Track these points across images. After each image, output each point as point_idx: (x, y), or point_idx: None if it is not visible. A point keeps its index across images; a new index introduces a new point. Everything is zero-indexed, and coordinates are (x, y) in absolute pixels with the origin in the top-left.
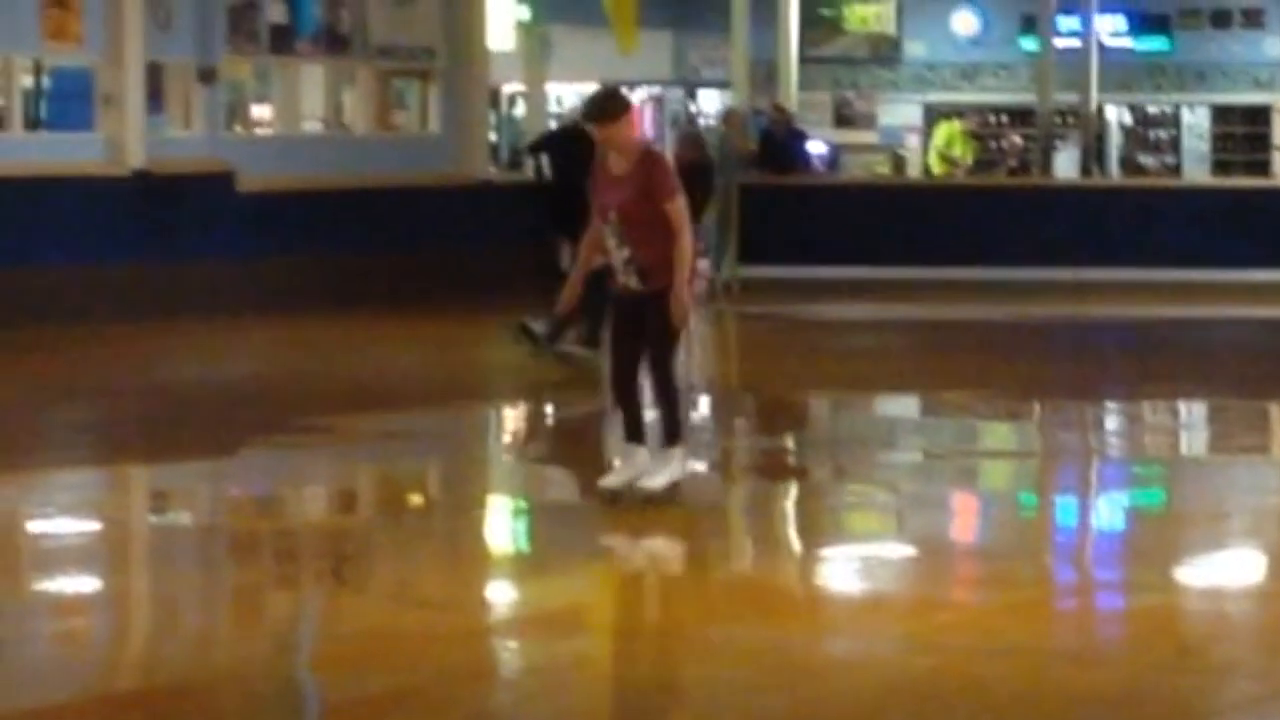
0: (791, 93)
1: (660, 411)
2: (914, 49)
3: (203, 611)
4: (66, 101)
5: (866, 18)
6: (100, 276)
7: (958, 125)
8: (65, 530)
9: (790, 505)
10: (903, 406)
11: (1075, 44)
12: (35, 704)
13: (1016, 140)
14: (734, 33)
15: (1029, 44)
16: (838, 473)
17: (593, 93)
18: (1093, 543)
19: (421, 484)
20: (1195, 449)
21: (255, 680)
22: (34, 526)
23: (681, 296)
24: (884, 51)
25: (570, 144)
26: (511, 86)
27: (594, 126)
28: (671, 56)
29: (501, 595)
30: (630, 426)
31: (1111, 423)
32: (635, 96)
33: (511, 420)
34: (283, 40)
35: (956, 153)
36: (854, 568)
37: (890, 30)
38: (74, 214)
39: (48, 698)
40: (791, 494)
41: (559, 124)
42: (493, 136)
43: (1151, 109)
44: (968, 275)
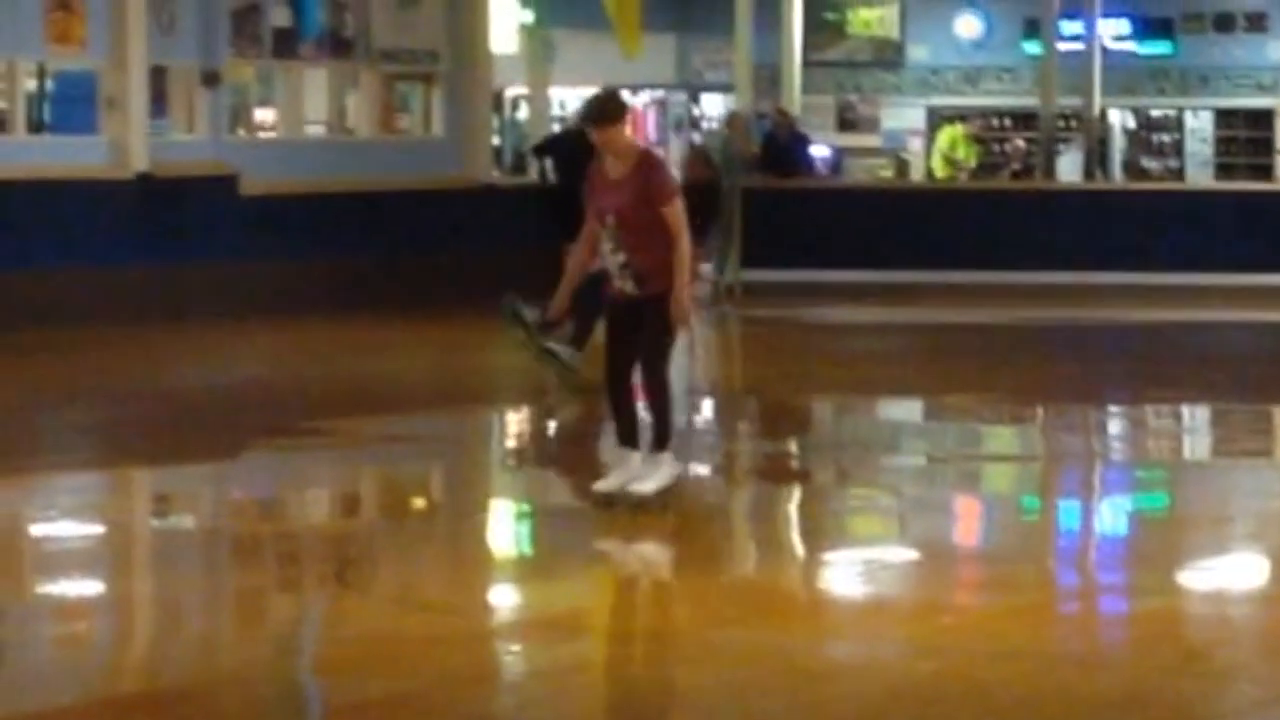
0: (795, 96)
1: (651, 416)
2: (917, 53)
3: (205, 615)
4: (70, 105)
5: (870, 21)
6: (103, 279)
7: (961, 129)
8: (68, 533)
9: (793, 509)
10: (906, 410)
11: (1078, 47)
12: (38, 707)
13: (1019, 144)
14: (737, 36)
15: (1032, 47)
16: (840, 476)
17: (591, 96)
18: (1096, 547)
19: (424, 487)
20: (1199, 453)
21: (258, 683)
22: (37, 529)
23: (682, 300)
24: (887, 55)
25: (574, 147)
26: (515, 90)
27: (592, 129)
28: (675, 60)
29: (504, 599)
30: (623, 431)
31: (1115, 426)
32: (638, 100)
33: (514, 424)
34: (286, 43)
35: (960, 156)
36: (856, 571)
37: (893, 34)
38: (77, 217)
39: (51, 701)
40: (794, 497)
41: (563, 127)
42: (496, 140)
43: (1154, 113)
44: (970, 279)
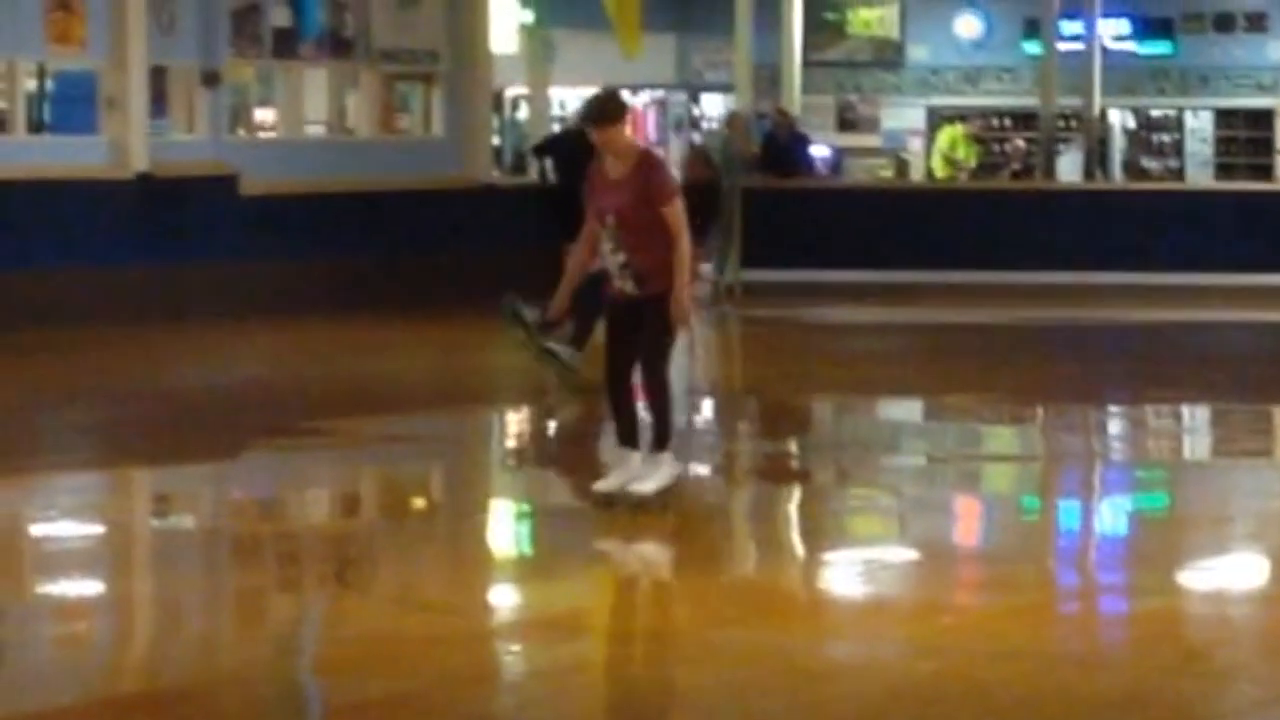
0: (794, 96)
1: (651, 416)
2: (917, 53)
3: (205, 615)
4: (70, 105)
5: (870, 21)
6: (103, 279)
7: (961, 129)
8: (68, 533)
9: (793, 509)
10: (906, 410)
11: (1078, 47)
12: (38, 707)
13: (1019, 144)
14: (737, 36)
15: (1032, 47)
16: (840, 476)
17: (591, 96)
18: (1096, 547)
19: (424, 487)
20: (1199, 453)
21: (258, 683)
22: (37, 529)
23: (682, 300)
24: (887, 55)
25: (574, 147)
26: (515, 90)
27: (592, 129)
28: (675, 60)
29: (504, 599)
30: (623, 431)
31: (1115, 426)
32: (638, 100)
33: (514, 424)
34: (286, 43)
35: (960, 156)
36: (856, 571)
37: (893, 34)
38: (77, 217)
39: (51, 701)
40: (794, 497)
41: (563, 127)
42: (496, 140)
43: (1154, 113)
44: (970, 279)
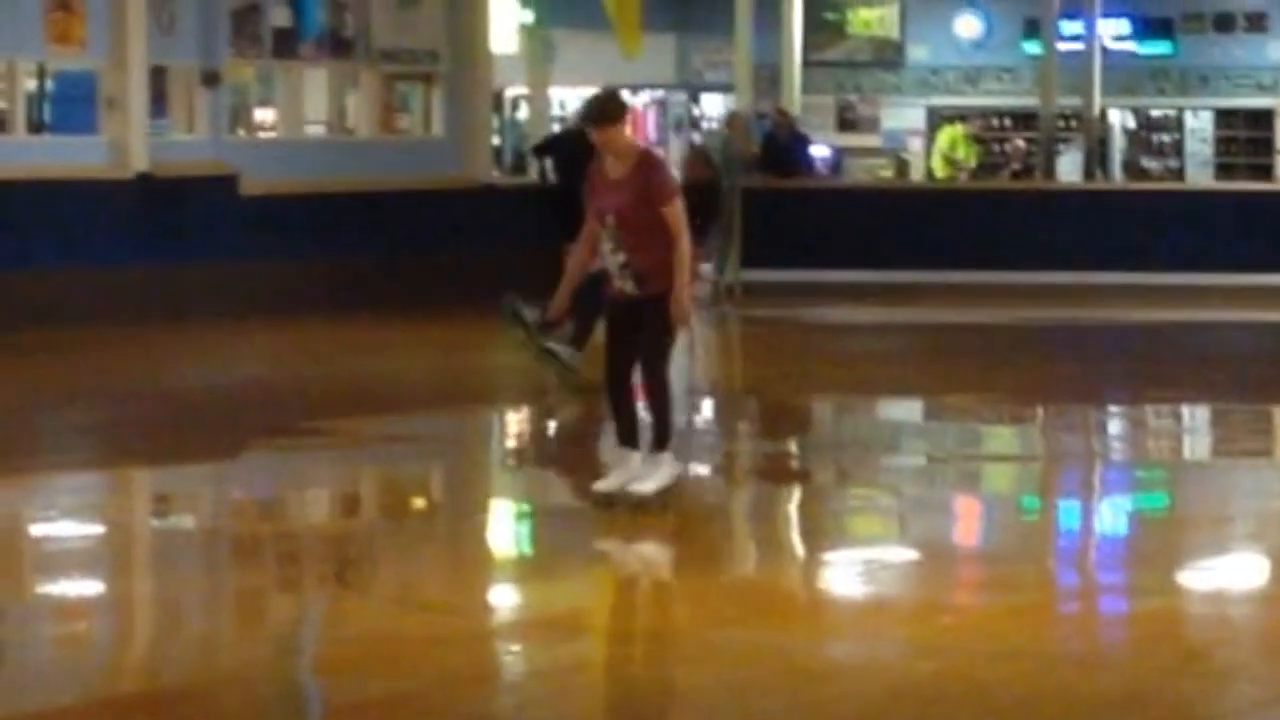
0: (794, 96)
1: (651, 416)
2: (917, 53)
3: (205, 615)
4: (70, 105)
5: (870, 21)
6: (103, 279)
7: (961, 129)
8: (68, 533)
9: (793, 509)
10: (906, 410)
11: (1078, 48)
12: (38, 707)
13: (1019, 144)
14: (737, 36)
15: (1032, 47)
16: (840, 476)
17: (591, 95)
18: (1096, 547)
19: (424, 487)
20: (1199, 453)
21: (258, 683)
22: (37, 529)
23: (682, 300)
24: (887, 55)
25: (574, 147)
26: (515, 90)
27: (592, 129)
28: (675, 60)
29: (504, 599)
30: (623, 431)
31: (1115, 426)
32: (638, 100)
33: (514, 424)
34: (286, 43)
35: (960, 156)
36: (856, 571)
37: (893, 34)
38: (77, 217)
39: (51, 701)
40: (794, 497)
41: (563, 127)
42: (496, 140)
43: (1154, 113)
44: (970, 279)
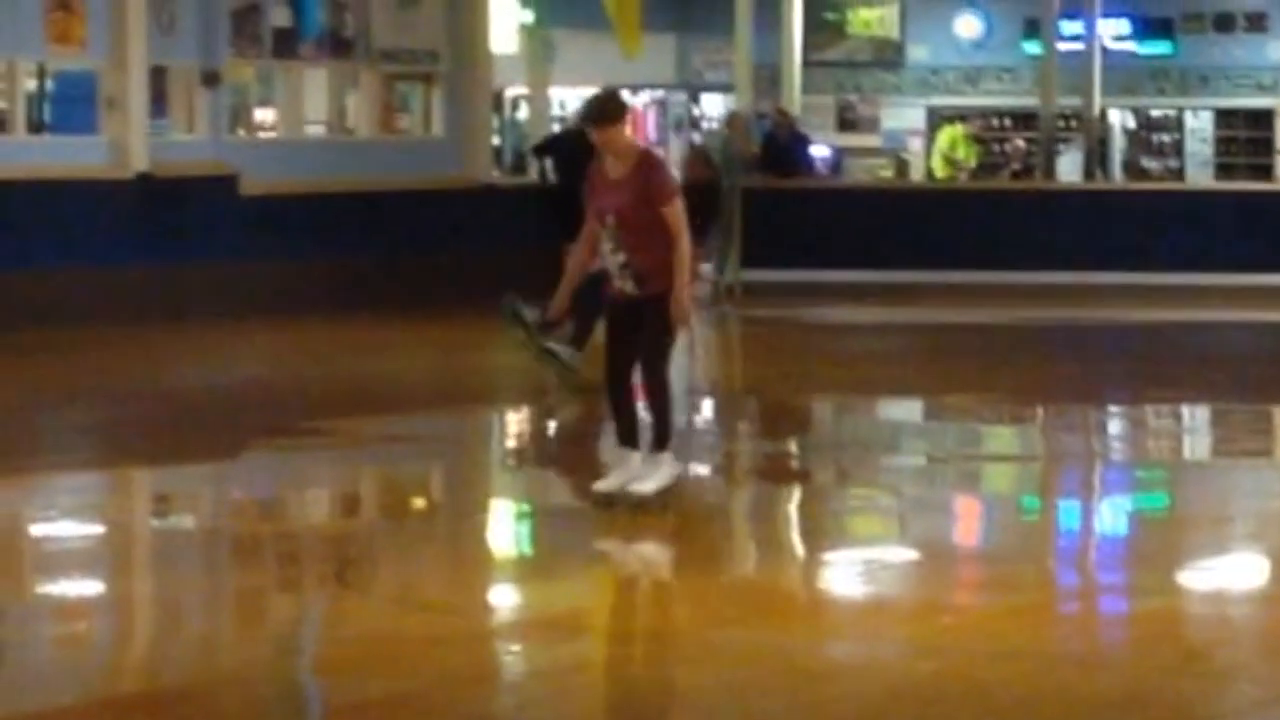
0: (795, 96)
1: (651, 416)
2: (917, 53)
3: (205, 615)
4: (70, 105)
5: (870, 21)
6: (103, 279)
7: (961, 129)
8: (68, 533)
9: (793, 509)
10: (906, 410)
11: (1078, 47)
12: (38, 707)
13: (1019, 144)
14: (737, 36)
15: (1032, 47)
16: (840, 476)
17: (591, 96)
18: (1096, 547)
19: (424, 487)
20: (1199, 453)
21: (258, 683)
22: (37, 529)
23: (682, 300)
24: (887, 55)
25: (574, 147)
26: (515, 90)
27: (592, 129)
28: (675, 60)
29: (504, 599)
30: (623, 431)
31: (1115, 426)
32: (639, 100)
33: (514, 424)
34: (286, 43)
35: (960, 156)
36: (856, 571)
37: (893, 34)
38: (77, 217)
39: (51, 701)
40: (794, 497)
41: (563, 127)
42: (496, 140)
43: (1154, 113)
44: (970, 279)
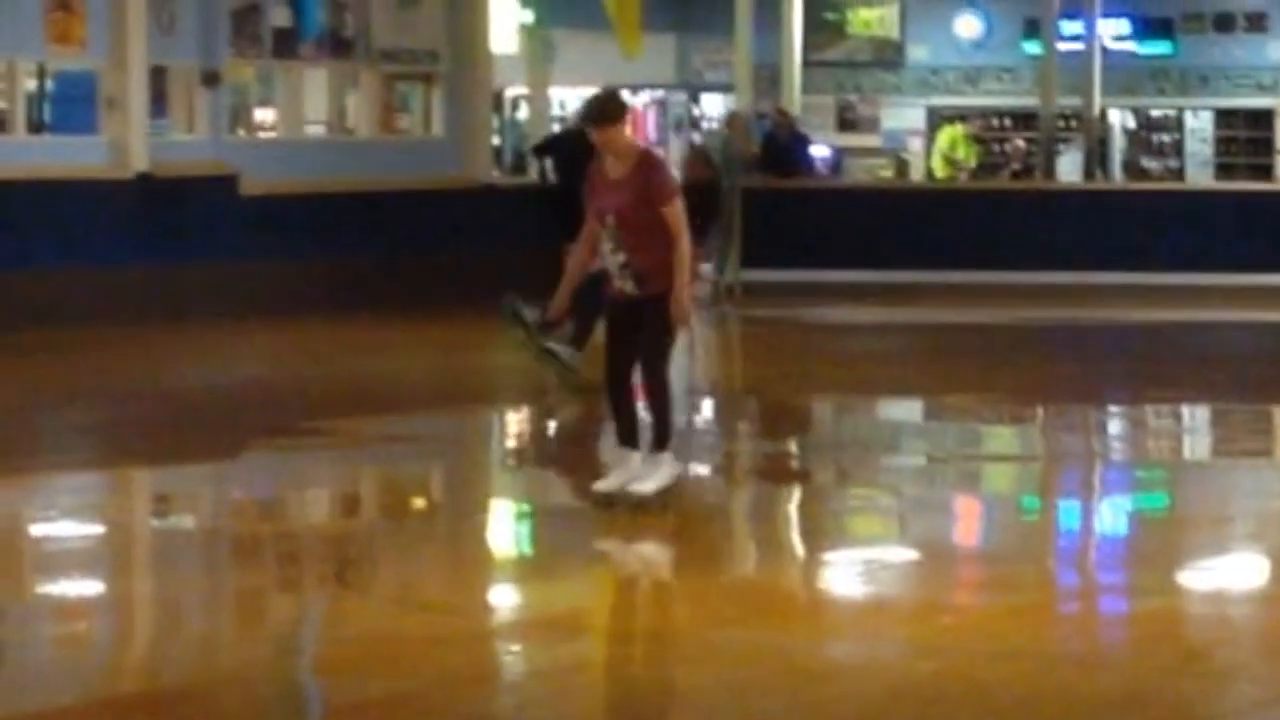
0: (794, 96)
1: (651, 416)
2: (917, 53)
3: (206, 615)
4: (70, 105)
5: (870, 21)
6: (103, 279)
7: (961, 129)
8: (68, 533)
9: (793, 509)
10: (906, 410)
11: (1078, 47)
12: (38, 707)
13: (1019, 144)
14: (737, 36)
15: (1032, 47)
16: (840, 476)
17: (591, 95)
18: (1096, 547)
19: (424, 487)
20: (1199, 453)
21: (258, 683)
22: (37, 529)
23: (682, 300)
24: (887, 55)
25: (575, 147)
26: (515, 90)
27: (592, 129)
28: (675, 60)
29: (504, 599)
30: (623, 431)
31: (1115, 427)
32: (639, 100)
33: (514, 424)
34: (286, 43)
35: (960, 156)
36: (856, 571)
37: (893, 34)
38: (77, 217)
39: (51, 701)
40: (794, 497)
41: (563, 127)
42: (496, 140)
43: (1154, 113)
44: (970, 279)
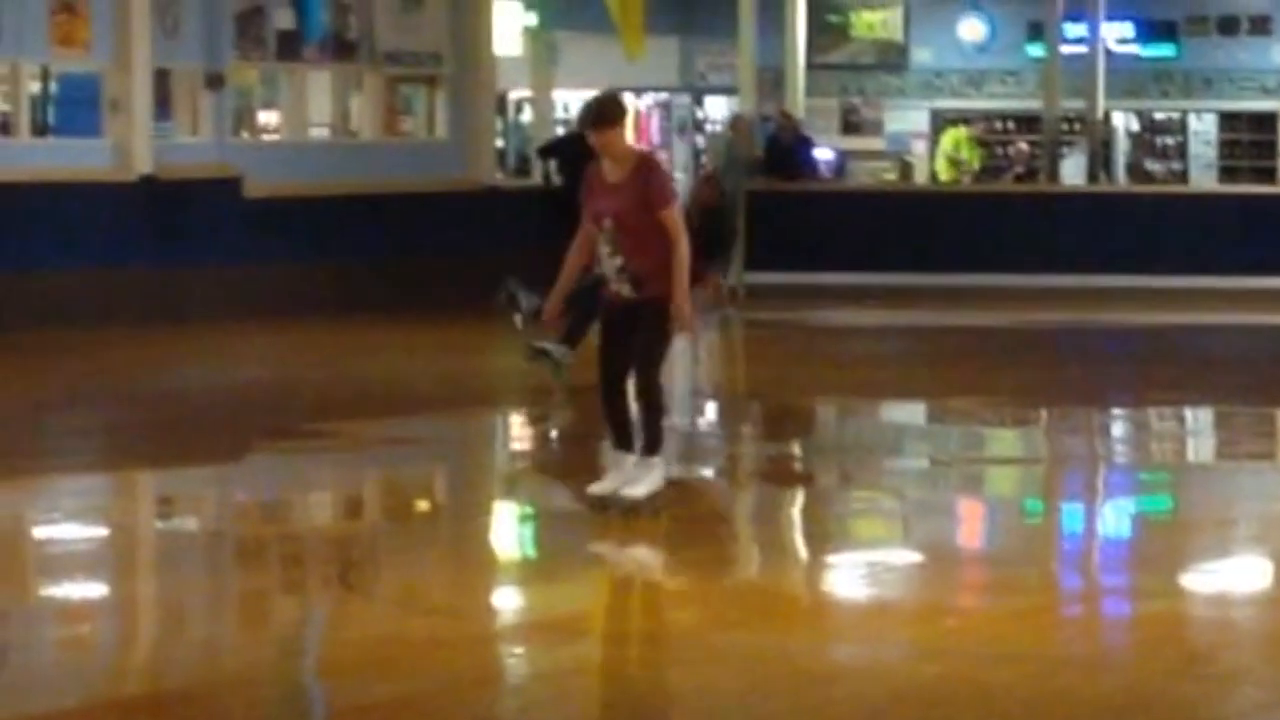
0: (798, 99)
1: (643, 420)
2: (921, 56)
3: (209, 617)
4: (74, 107)
5: (874, 24)
6: (107, 281)
7: (964, 132)
8: (71, 535)
9: (796, 511)
10: (909, 413)
11: (1082, 50)
12: (42, 709)
13: (1023, 147)
14: (741, 39)
15: (1036, 50)
16: (844, 479)
17: (590, 98)
18: (1099, 549)
19: (427, 490)
20: (1201, 455)
21: (262, 686)
22: (40, 531)
23: (683, 305)
24: (891, 58)
25: (578, 149)
26: (518, 92)
27: (590, 132)
28: (678, 63)
29: (507, 601)
30: (617, 435)
31: (1118, 429)
32: (642, 103)
33: (517, 426)
34: (290, 46)
35: (964, 158)
36: (860, 574)
37: (897, 37)
38: (81, 219)
39: (55, 703)
40: (797, 500)
41: (567, 129)
42: (499, 142)
43: (1158, 115)
44: (974, 282)
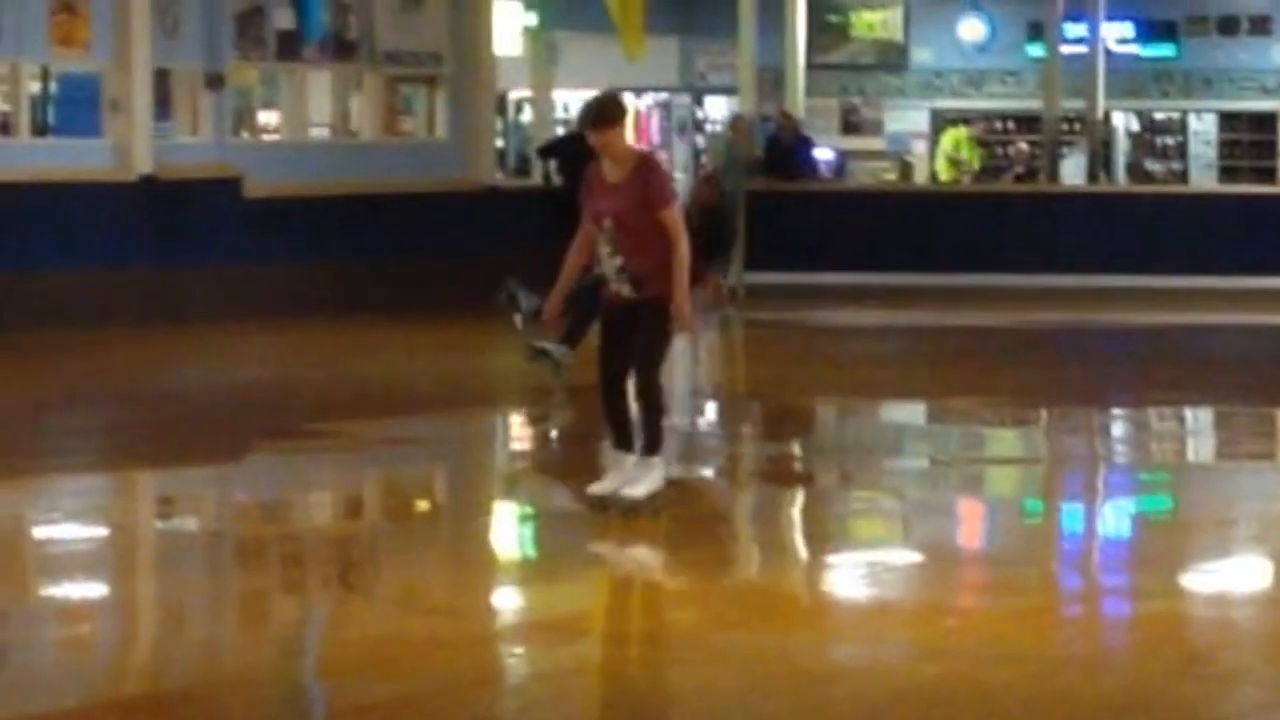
0: (798, 99)
1: (642, 420)
2: (921, 56)
3: (209, 617)
4: (74, 107)
5: (874, 24)
6: (107, 281)
7: (965, 132)
8: (71, 535)
9: (796, 511)
10: (909, 413)
11: (1082, 50)
12: (42, 710)
13: (1023, 147)
14: (741, 39)
15: (1036, 51)
16: (844, 479)
17: (590, 98)
18: (1099, 549)
19: (427, 490)
20: (1202, 456)
21: (262, 686)
22: (40, 531)
23: (683, 305)
24: (891, 58)
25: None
26: (518, 92)
27: (590, 132)
28: (678, 63)
29: (507, 601)
30: (617, 435)
31: (1118, 429)
32: (642, 103)
33: (517, 426)
34: (290, 46)
35: (964, 158)
36: (860, 574)
37: (897, 37)
38: (81, 219)
39: (55, 703)
40: (797, 500)
41: (567, 129)
42: (500, 142)
43: (1158, 115)
44: (974, 282)
